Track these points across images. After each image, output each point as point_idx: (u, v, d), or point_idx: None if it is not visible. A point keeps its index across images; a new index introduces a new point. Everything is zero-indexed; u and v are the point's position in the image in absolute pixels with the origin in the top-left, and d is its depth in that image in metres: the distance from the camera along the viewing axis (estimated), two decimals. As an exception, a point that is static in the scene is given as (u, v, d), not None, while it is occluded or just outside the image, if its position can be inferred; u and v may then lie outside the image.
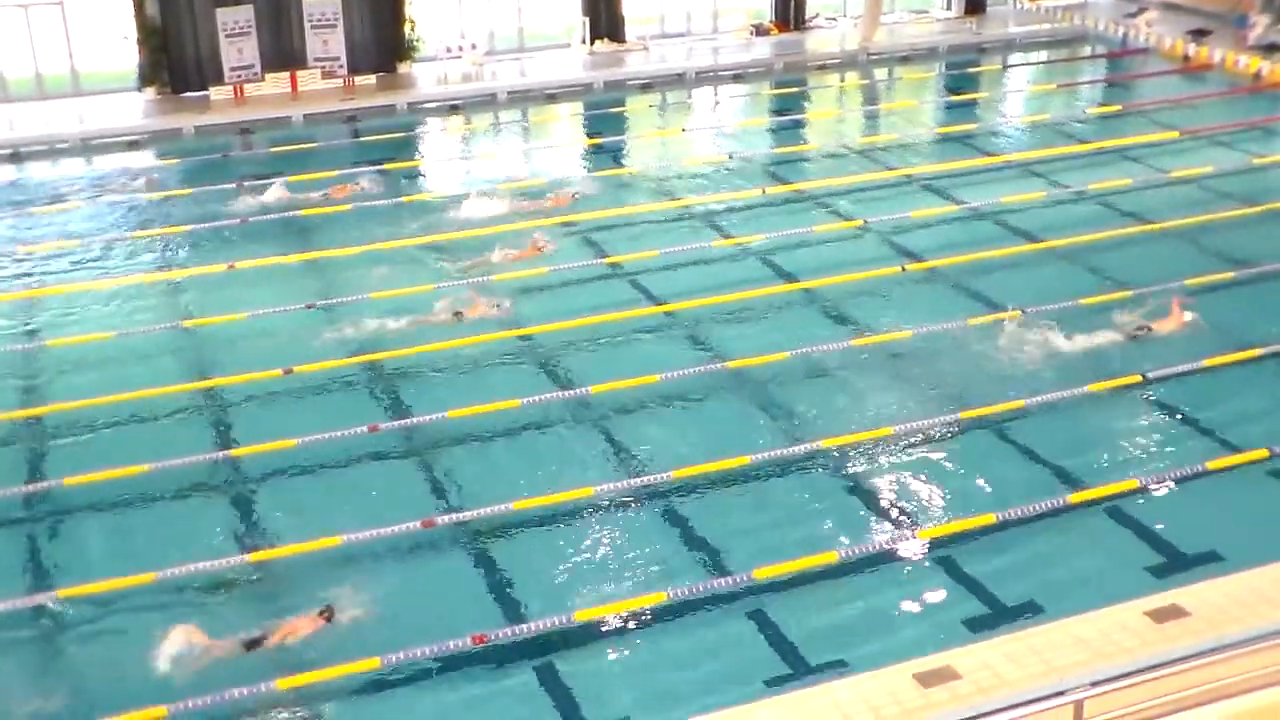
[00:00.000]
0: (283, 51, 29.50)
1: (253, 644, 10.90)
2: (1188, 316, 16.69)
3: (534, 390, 15.46)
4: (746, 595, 11.59)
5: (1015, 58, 34.21)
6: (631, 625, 11.27)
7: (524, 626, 11.10)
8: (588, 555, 12.31)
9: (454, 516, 12.87)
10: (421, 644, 10.81)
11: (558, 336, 16.98)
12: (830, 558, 11.95)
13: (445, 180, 24.79)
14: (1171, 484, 13.22)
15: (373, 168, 24.39)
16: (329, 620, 11.18)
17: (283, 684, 10.43)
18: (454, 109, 29.23)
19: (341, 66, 29.82)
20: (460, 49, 31.48)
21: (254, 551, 12.41)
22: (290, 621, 11.14)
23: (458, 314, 17.43)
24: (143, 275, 19.65)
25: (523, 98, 29.92)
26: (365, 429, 14.59)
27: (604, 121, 28.66)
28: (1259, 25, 32.11)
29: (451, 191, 23.27)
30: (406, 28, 30.86)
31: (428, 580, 12.10)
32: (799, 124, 28.56)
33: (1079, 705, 8.28)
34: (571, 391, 15.48)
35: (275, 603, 11.62)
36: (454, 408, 14.93)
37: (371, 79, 30.01)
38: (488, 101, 29.64)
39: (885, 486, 13.33)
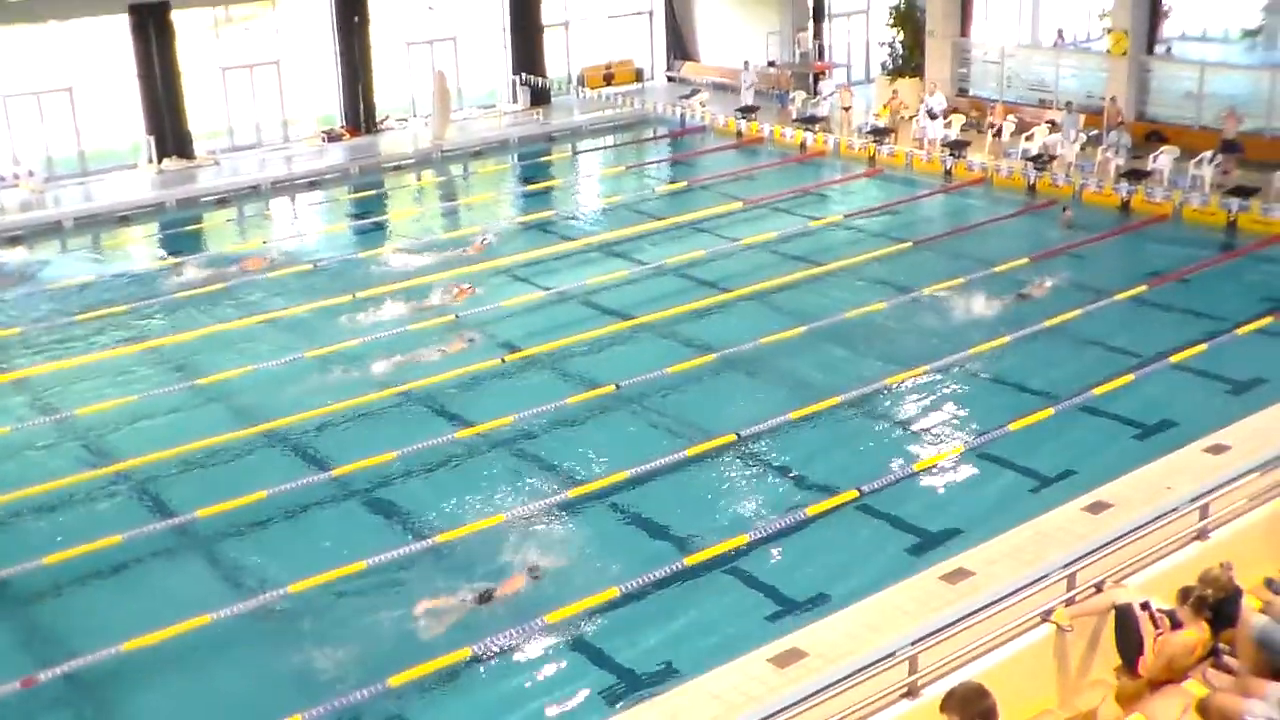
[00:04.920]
0: None
1: None
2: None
3: (136, 523, 14.67)
4: (382, 699, 11.35)
5: (584, 144, 35.53)
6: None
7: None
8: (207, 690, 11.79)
9: (59, 669, 12.00)
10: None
11: (158, 466, 16.21)
12: (464, 654, 11.88)
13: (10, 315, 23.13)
14: (777, 534, 13.91)
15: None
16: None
17: None
18: (15, 240, 27.50)
19: (-118, 205, 27.58)
20: (16, 176, 29.80)
21: None
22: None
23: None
24: None
25: (91, 222, 28.57)
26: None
27: (180, 240, 27.71)
28: (797, 100, 34.71)
29: (18, 327, 21.86)
30: (-48, 159, 29.02)
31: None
32: (380, 226, 28.55)
33: (718, 759, 8.54)
34: (176, 519, 14.79)
35: None
36: (50, 553, 13.94)
37: (-81, 215, 27.97)
38: (53, 229, 28.12)
39: (505, 575, 13.32)
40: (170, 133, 31.99)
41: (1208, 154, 26.64)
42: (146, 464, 16.23)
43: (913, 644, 9.32)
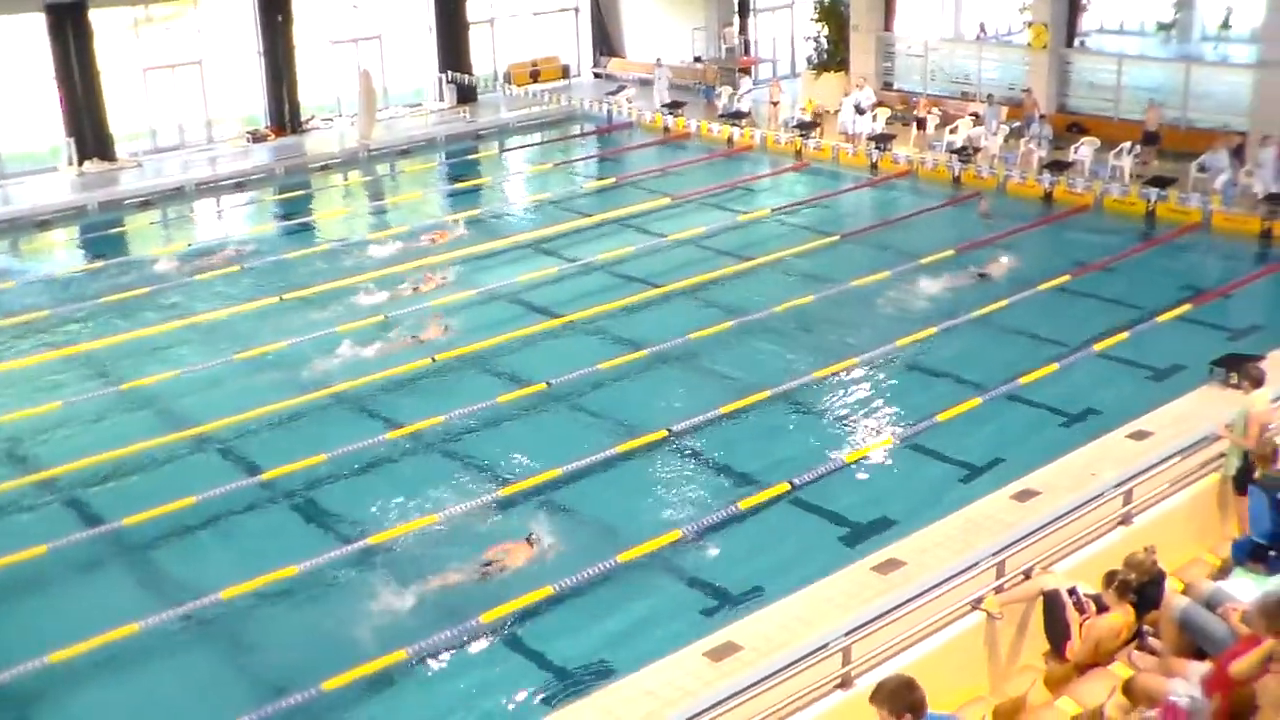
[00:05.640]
0: None
1: None
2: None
3: (61, 532, 14.42)
4: (316, 704, 11.27)
5: (511, 141, 35.44)
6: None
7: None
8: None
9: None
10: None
11: (83, 474, 15.98)
12: (400, 656, 11.83)
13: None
14: (710, 528, 13.98)
15: None
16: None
17: None
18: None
19: None
20: (-70, 181, 29.29)
21: None
22: None
23: None
24: None
25: (10, 226, 28.01)
26: None
27: (102, 244, 27.27)
28: (723, 95, 34.82)
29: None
30: None
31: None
32: (308, 226, 28.29)
33: (653, 754, 8.59)
34: (103, 527, 14.57)
35: None
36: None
37: None
38: (-30, 234, 27.65)
39: (436, 575, 13.24)
40: (91, 135, 31.48)
41: (1127, 144, 27.06)
42: (71, 472, 15.99)
43: (846, 635, 9.44)
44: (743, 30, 39.49)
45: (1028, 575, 10.41)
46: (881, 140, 29.95)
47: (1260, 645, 8.43)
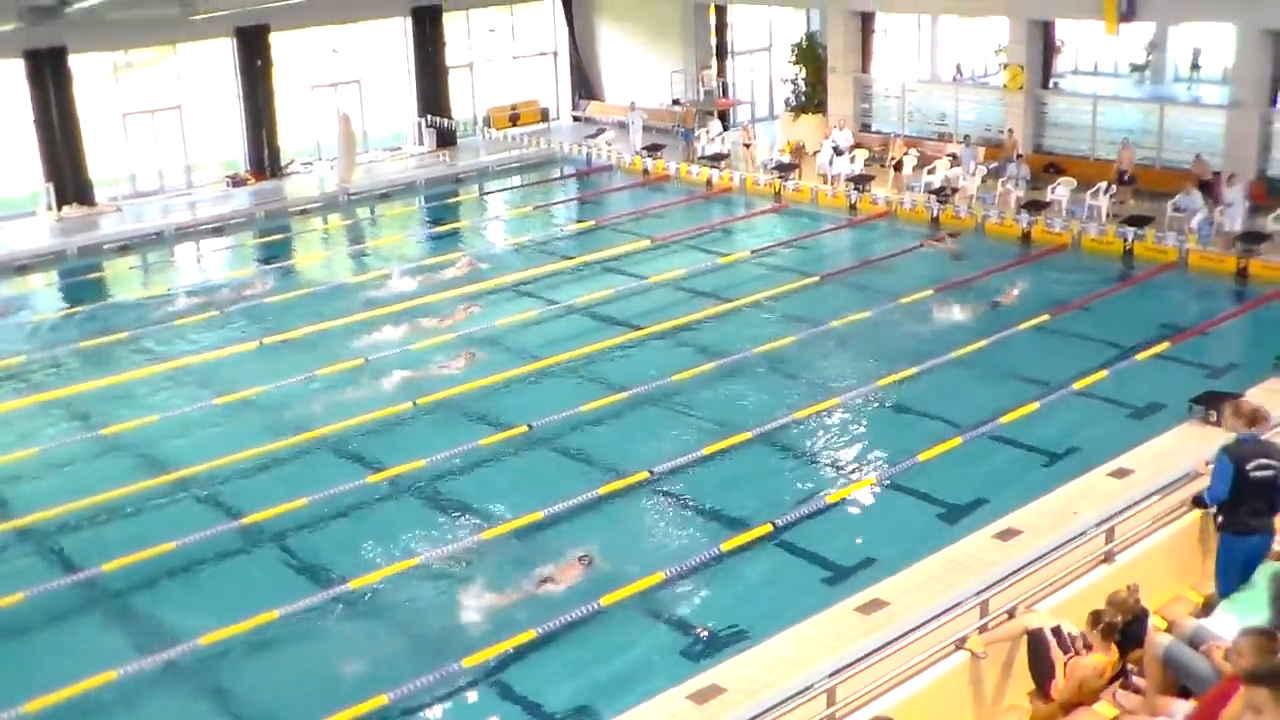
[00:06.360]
0: None
1: None
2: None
3: (39, 579, 14.31)
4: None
5: (491, 185, 35.47)
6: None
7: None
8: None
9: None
10: None
11: (61, 520, 15.86)
12: (381, 701, 11.74)
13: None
14: (693, 570, 13.93)
15: None
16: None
17: None
18: (-92, 292, 26.89)
19: None
20: (-93, 227, 29.15)
21: None
22: None
23: None
24: None
25: (-13, 272, 28.00)
26: None
27: (81, 289, 27.17)
28: (702, 137, 34.93)
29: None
30: None
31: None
32: (288, 270, 28.24)
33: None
34: (82, 574, 14.46)
35: None
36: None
37: None
38: (-52, 280, 27.53)
39: (421, 620, 13.21)
40: (70, 179, 31.40)
41: (1103, 184, 27.28)
42: (49, 518, 15.89)
43: (830, 676, 9.42)
44: (721, 73, 39.70)
45: (1012, 614, 10.41)
46: (860, 181, 30.10)
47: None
